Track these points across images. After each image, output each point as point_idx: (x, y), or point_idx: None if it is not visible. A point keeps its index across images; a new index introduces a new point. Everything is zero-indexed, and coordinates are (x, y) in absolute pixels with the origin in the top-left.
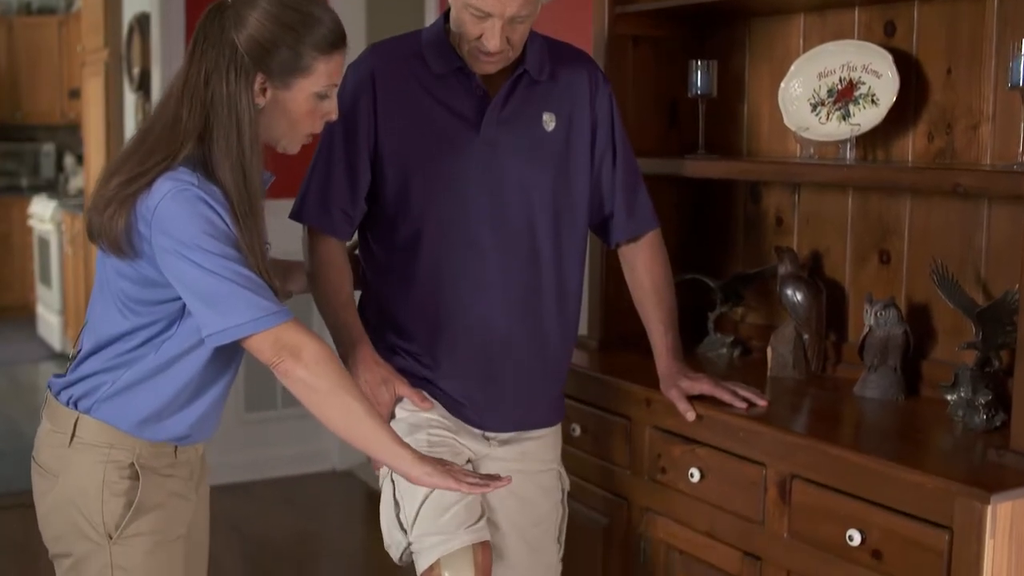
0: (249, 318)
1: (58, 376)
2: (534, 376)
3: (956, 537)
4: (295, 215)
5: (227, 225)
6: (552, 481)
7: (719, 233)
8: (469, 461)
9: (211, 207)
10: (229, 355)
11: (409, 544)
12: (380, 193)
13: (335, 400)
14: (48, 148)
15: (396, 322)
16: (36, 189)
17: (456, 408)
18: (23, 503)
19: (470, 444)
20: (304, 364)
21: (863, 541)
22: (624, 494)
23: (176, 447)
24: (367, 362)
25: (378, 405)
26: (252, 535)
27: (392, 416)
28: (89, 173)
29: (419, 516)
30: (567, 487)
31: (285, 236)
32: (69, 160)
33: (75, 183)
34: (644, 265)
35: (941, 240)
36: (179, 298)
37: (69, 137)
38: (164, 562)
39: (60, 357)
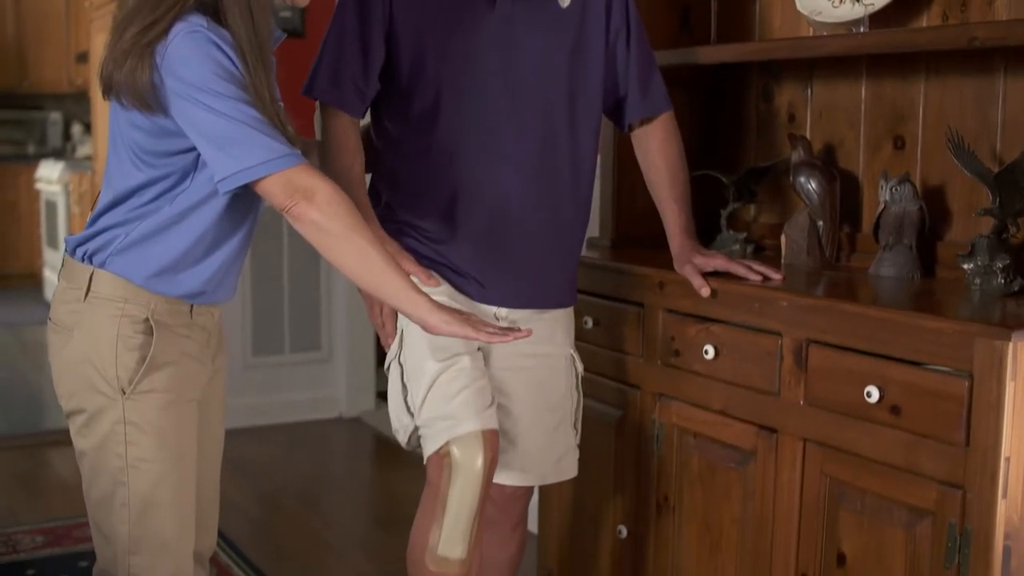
0: (261, 160)
1: (74, 235)
2: (546, 252)
3: (976, 382)
4: (307, 90)
5: (237, 68)
6: (566, 365)
7: (731, 135)
8: (479, 349)
9: (221, 49)
10: (243, 209)
11: (416, 428)
12: (395, 68)
13: (349, 244)
14: (55, 117)
15: (408, 196)
16: (43, 158)
17: (466, 284)
18: (32, 443)
19: None
20: (317, 206)
21: (881, 398)
22: (637, 382)
23: (192, 307)
24: None
25: None
26: (262, 474)
27: None
28: (97, 141)
29: (426, 400)
30: (581, 372)
31: None
32: (76, 129)
33: (83, 151)
34: (658, 145)
35: (956, 119)
36: (192, 149)
37: (76, 106)
38: (176, 421)
39: None
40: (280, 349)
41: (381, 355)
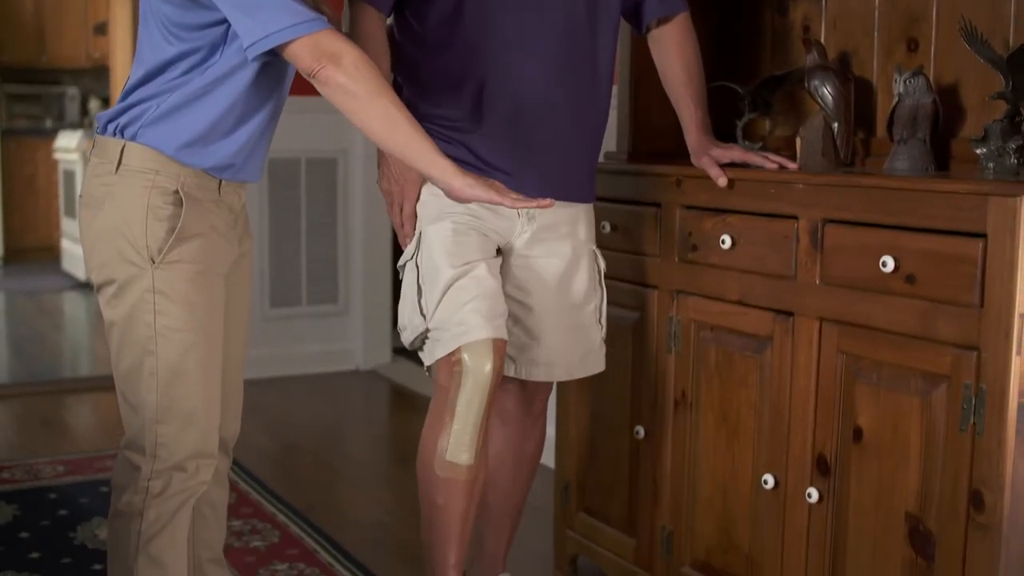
0: (288, 23)
1: (104, 112)
2: (569, 145)
3: (990, 241)
4: None
5: None
6: (589, 261)
7: (746, 50)
8: (499, 251)
9: None
10: (271, 82)
11: (427, 331)
12: None
13: (375, 106)
14: (73, 92)
15: (432, 89)
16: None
17: (492, 175)
18: (52, 390)
19: (499, 227)
20: (344, 70)
21: (896, 268)
22: (654, 282)
23: (220, 183)
24: None
25: (409, 174)
26: (279, 420)
27: (418, 197)
28: None
29: (440, 305)
30: (604, 268)
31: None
32: (94, 104)
33: None
34: (675, 44)
35: (969, 15)
36: (222, 21)
37: (94, 81)
38: (204, 292)
39: (85, 286)
40: (297, 301)
41: (397, 309)
